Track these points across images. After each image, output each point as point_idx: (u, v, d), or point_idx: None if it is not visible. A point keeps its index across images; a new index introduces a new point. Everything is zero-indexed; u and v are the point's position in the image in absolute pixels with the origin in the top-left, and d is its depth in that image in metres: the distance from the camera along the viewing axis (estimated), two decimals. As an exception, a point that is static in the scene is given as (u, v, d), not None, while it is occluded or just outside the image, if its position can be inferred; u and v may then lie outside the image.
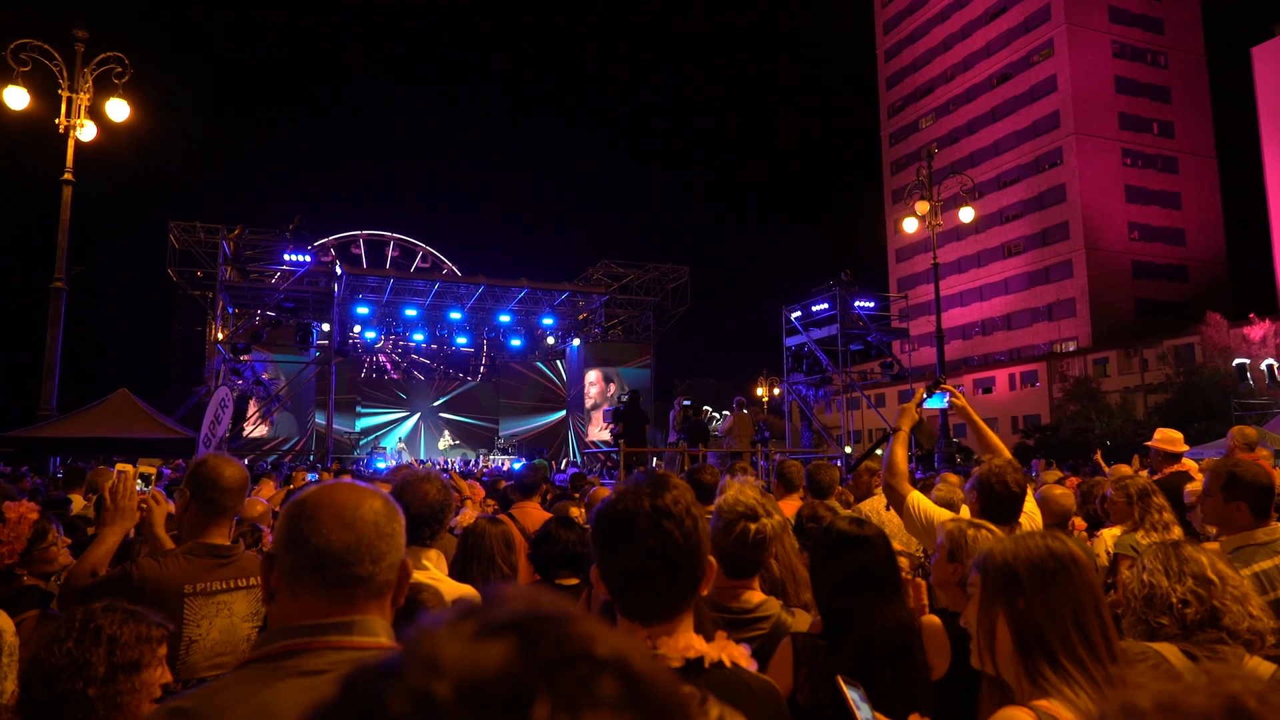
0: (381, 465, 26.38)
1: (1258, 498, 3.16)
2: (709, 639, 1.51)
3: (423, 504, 2.78)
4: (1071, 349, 57.19)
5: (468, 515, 3.36)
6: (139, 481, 2.86)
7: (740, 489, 2.53)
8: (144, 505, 2.83)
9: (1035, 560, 1.68)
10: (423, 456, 33.48)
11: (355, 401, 35.54)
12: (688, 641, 1.47)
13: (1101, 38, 61.42)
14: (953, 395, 4.26)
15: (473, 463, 30.39)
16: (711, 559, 1.54)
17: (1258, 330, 41.25)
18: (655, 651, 1.43)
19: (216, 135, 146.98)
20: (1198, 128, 64.53)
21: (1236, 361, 34.15)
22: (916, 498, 3.49)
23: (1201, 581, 2.08)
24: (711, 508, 2.59)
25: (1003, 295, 63.96)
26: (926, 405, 4.17)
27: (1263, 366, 31.50)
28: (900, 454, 3.65)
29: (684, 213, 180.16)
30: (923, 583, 3.10)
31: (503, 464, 28.55)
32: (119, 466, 2.85)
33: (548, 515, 4.73)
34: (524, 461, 26.60)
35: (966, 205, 22.07)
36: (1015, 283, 63.16)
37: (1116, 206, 59.87)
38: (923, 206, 21.95)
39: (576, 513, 5.10)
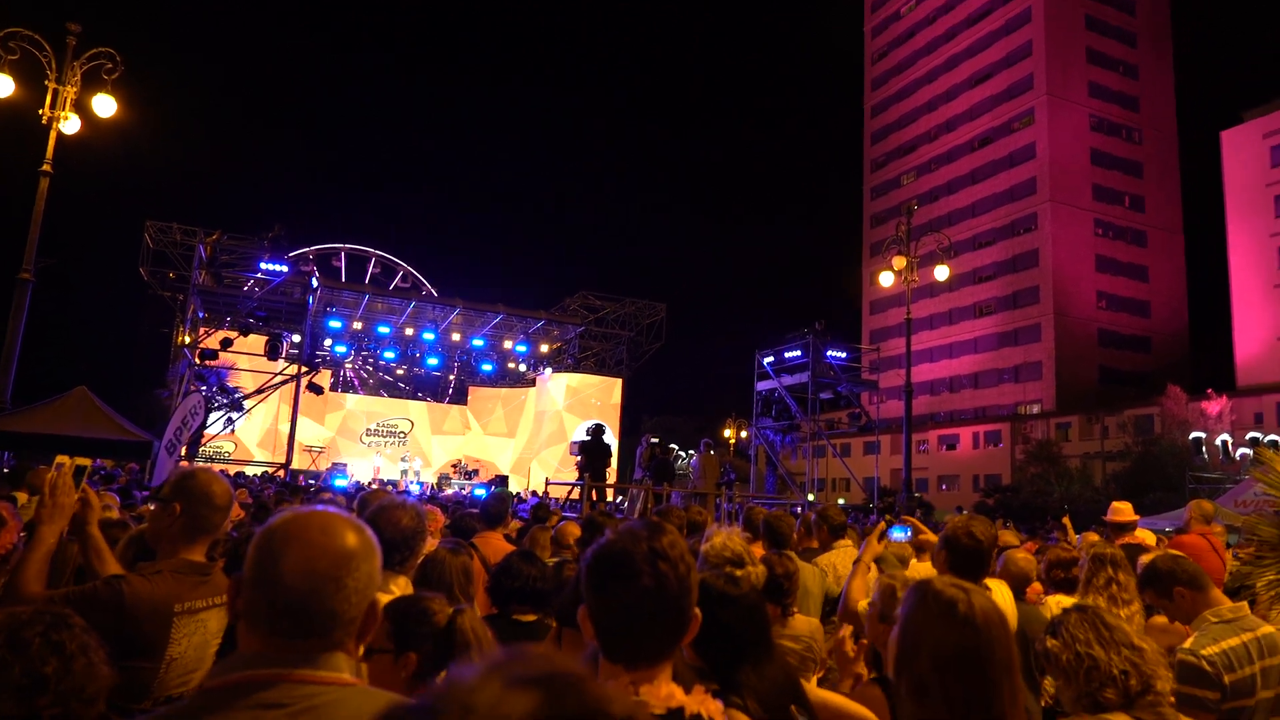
0: (341, 482, 26.03)
1: (1195, 579, 3.25)
2: (687, 690, 1.51)
3: (396, 530, 2.83)
4: (1035, 412, 58.01)
5: (429, 544, 3.32)
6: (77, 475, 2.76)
7: (728, 535, 2.53)
8: (79, 500, 2.72)
9: (937, 626, 1.66)
10: (384, 476, 33.05)
11: (322, 414, 35.11)
12: (669, 690, 1.47)
13: (1080, 111, 63.19)
14: (916, 528, 4.34)
15: (436, 487, 30.04)
16: (697, 610, 1.55)
17: (1214, 406, 42.17)
18: (638, 697, 1.43)
19: (205, 139, 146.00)
20: (1167, 204, 66.39)
21: (1193, 435, 34.83)
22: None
23: (1133, 649, 2.12)
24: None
25: (972, 354, 64.88)
26: (890, 537, 4.26)
27: (1217, 442, 32.13)
28: (858, 586, 3.58)
29: (664, 250, 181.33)
30: (857, 649, 3.02)
31: (464, 489, 28.28)
32: (57, 459, 2.76)
33: (510, 547, 4.69)
34: (487, 488, 26.38)
35: (942, 263, 22.43)
36: (985, 342, 64.12)
37: (1086, 275, 61.20)
38: (899, 261, 22.27)
39: (546, 539, 5.05)
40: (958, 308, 66.17)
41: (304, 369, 25.68)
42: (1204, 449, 32.87)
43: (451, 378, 40.85)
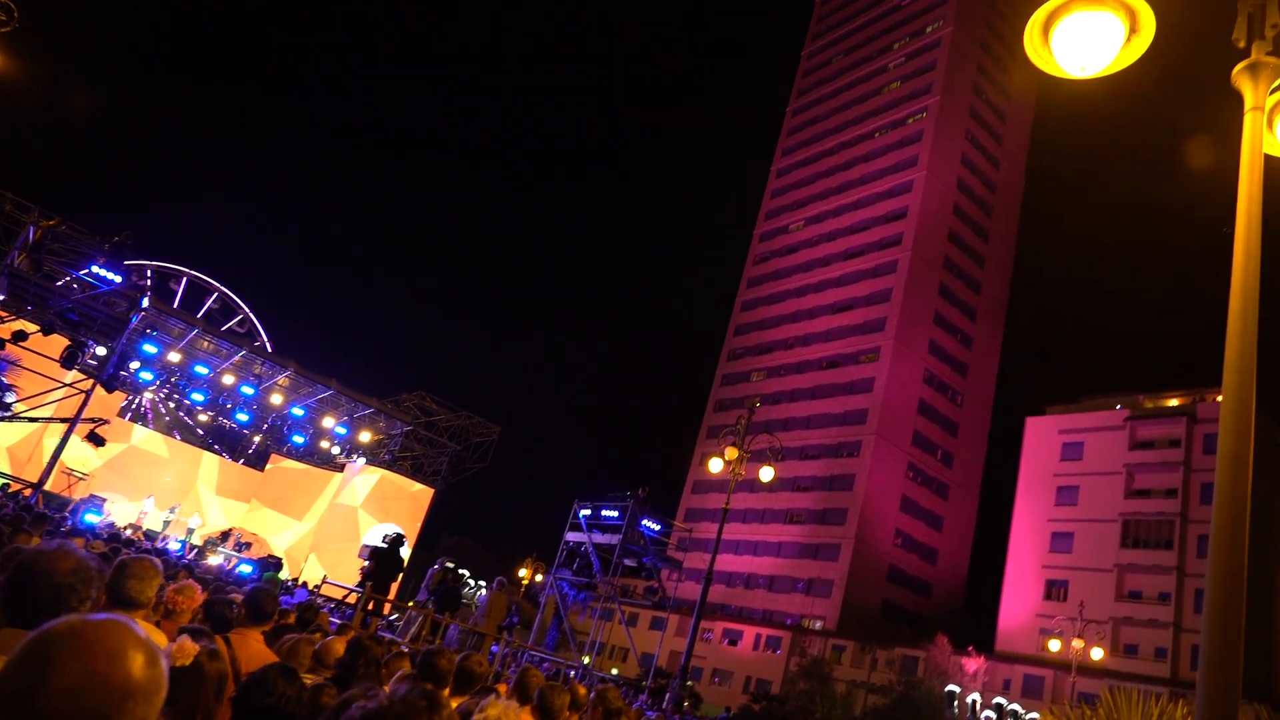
0: (93, 518, 23.39)
1: None
2: None
3: (47, 584, 2.14)
4: (818, 628, 59.80)
5: (184, 646, 2.90)
6: None
7: (504, 711, 2.42)
8: None
9: None
10: (148, 525, 29.87)
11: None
12: None
13: (919, 363, 69.40)
14: None
15: (198, 552, 27.36)
16: None
17: (973, 664, 44.92)
18: None
19: (87, 124, 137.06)
20: (972, 466, 72.76)
21: (949, 688, 36.77)
22: None
23: None
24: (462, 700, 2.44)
25: (774, 557, 66.91)
26: None
27: (969, 699, 34.04)
28: None
29: (509, 376, 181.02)
30: None
31: (230, 562, 25.93)
32: None
33: (269, 653, 4.28)
34: (255, 568, 24.28)
35: (769, 465, 23.37)
36: (788, 549, 66.41)
37: (891, 511, 65.29)
38: (732, 452, 23.04)
39: (308, 654, 4.63)
40: (772, 509, 68.65)
41: (100, 386, 23.42)
42: (955, 703, 34.69)
43: (257, 439, 38.25)
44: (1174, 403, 55.11)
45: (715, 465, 23.39)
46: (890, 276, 71.04)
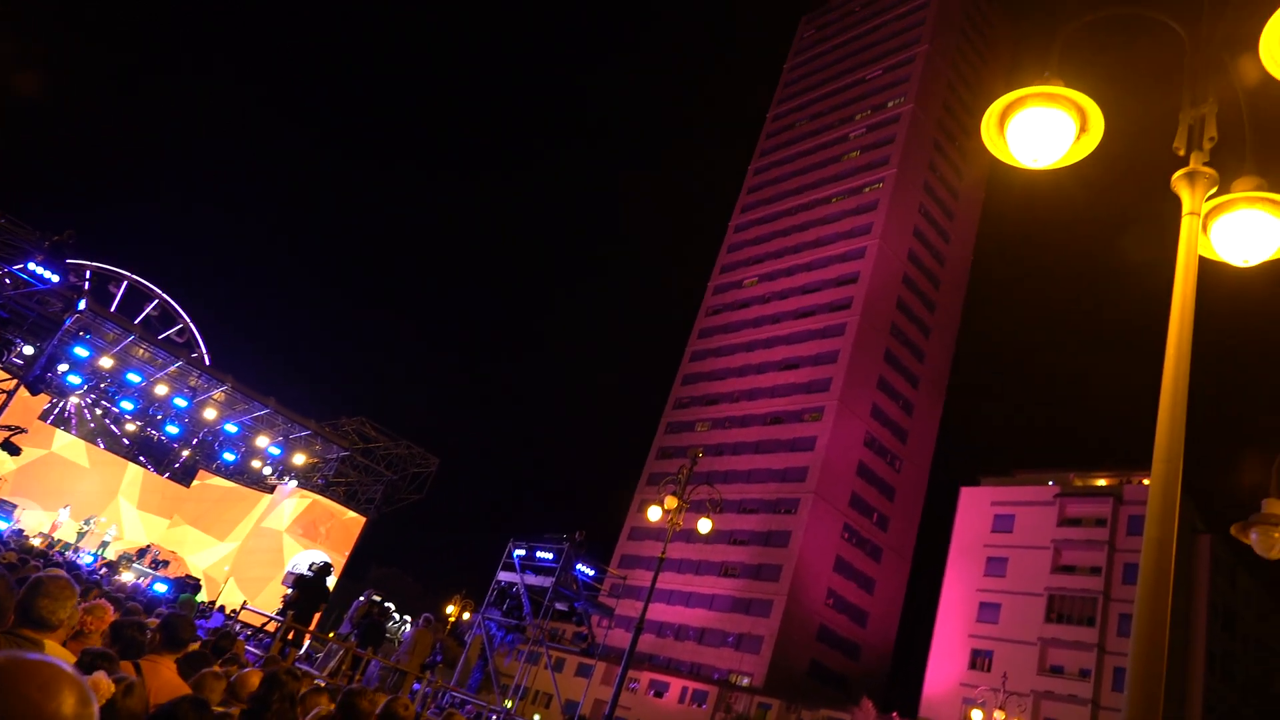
0: (1, 525, 22.37)
1: None
2: None
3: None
4: (745, 684, 59.37)
5: (99, 685, 2.77)
6: None
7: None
8: None
9: None
10: (60, 535, 28.60)
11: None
12: None
13: (861, 425, 70.38)
14: None
15: (111, 567, 26.25)
16: None
17: (896, 730, 44.97)
18: None
19: (38, 117, 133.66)
20: (906, 531, 73.63)
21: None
22: None
23: None
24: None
25: (706, 609, 66.51)
26: None
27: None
28: None
29: (455, 405, 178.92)
30: None
31: (144, 580, 24.92)
32: None
33: (182, 684, 4.11)
34: (171, 587, 23.37)
35: (708, 517, 23.36)
36: (720, 602, 66.10)
37: (824, 571, 65.54)
38: (671, 501, 23.00)
39: (219, 689, 4.44)
40: (708, 561, 68.41)
41: (24, 387, 22.54)
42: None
43: (185, 453, 37.03)
44: (1102, 483, 56.69)
45: (654, 513, 23.30)
46: (838, 338, 72.27)
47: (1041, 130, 3.72)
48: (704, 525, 23.41)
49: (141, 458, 36.15)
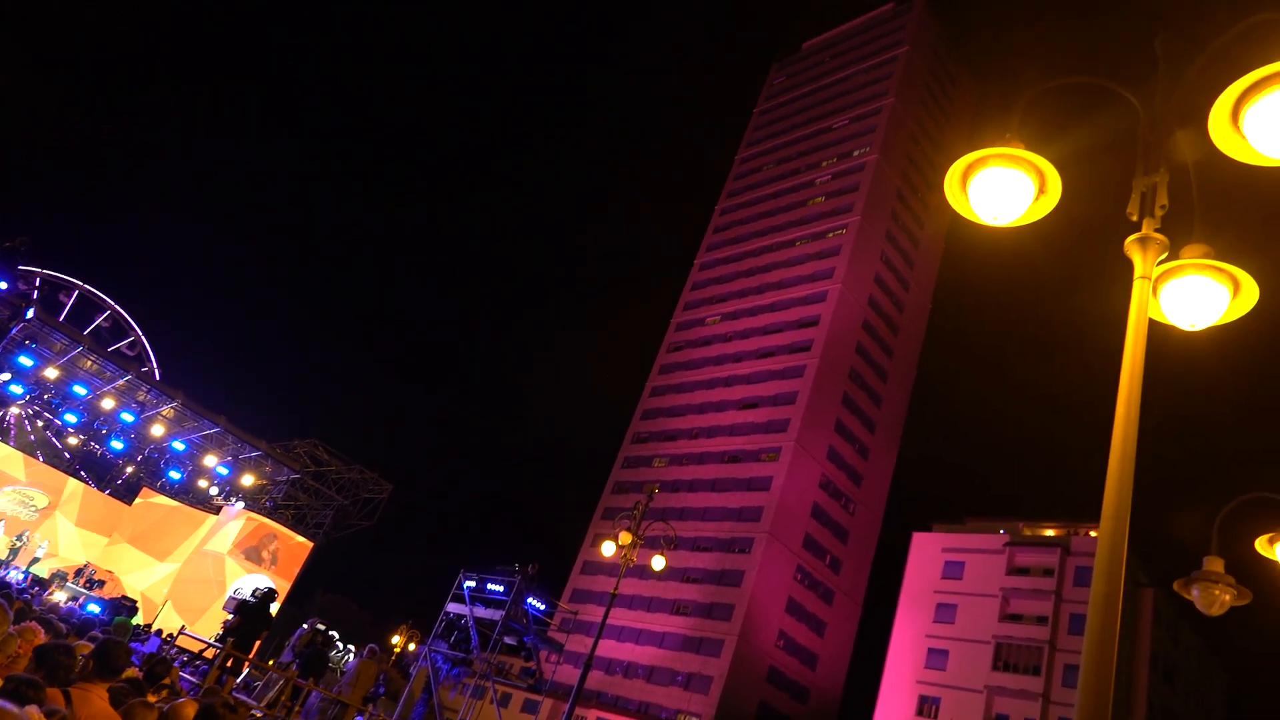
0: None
1: None
2: None
3: None
4: (692, 725, 58.73)
5: (30, 718, 2.65)
6: None
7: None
8: None
9: None
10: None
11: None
12: None
13: (817, 467, 70.81)
14: None
15: (41, 585, 25.31)
16: None
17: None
18: None
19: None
20: (858, 574, 73.88)
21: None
22: None
23: None
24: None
25: (656, 647, 65.88)
26: None
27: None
28: None
29: (410, 432, 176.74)
30: None
31: (78, 600, 24.06)
32: None
33: (112, 713, 3.96)
34: (104, 608, 22.58)
35: (662, 554, 23.24)
36: (671, 640, 65.55)
37: (776, 612, 65.40)
38: (626, 537, 22.86)
39: (151, 717, 4.28)
40: (660, 598, 67.92)
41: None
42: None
43: (129, 470, 36.03)
44: (1050, 533, 57.54)
45: (608, 549, 23.12)
46: (798, 380, 72.88)
47: (1002, 189, 3.84)
48: (658, 562, 23.28)
49: (83, 473, 35.09)
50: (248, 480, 32.82)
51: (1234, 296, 3.72)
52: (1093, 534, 54.47)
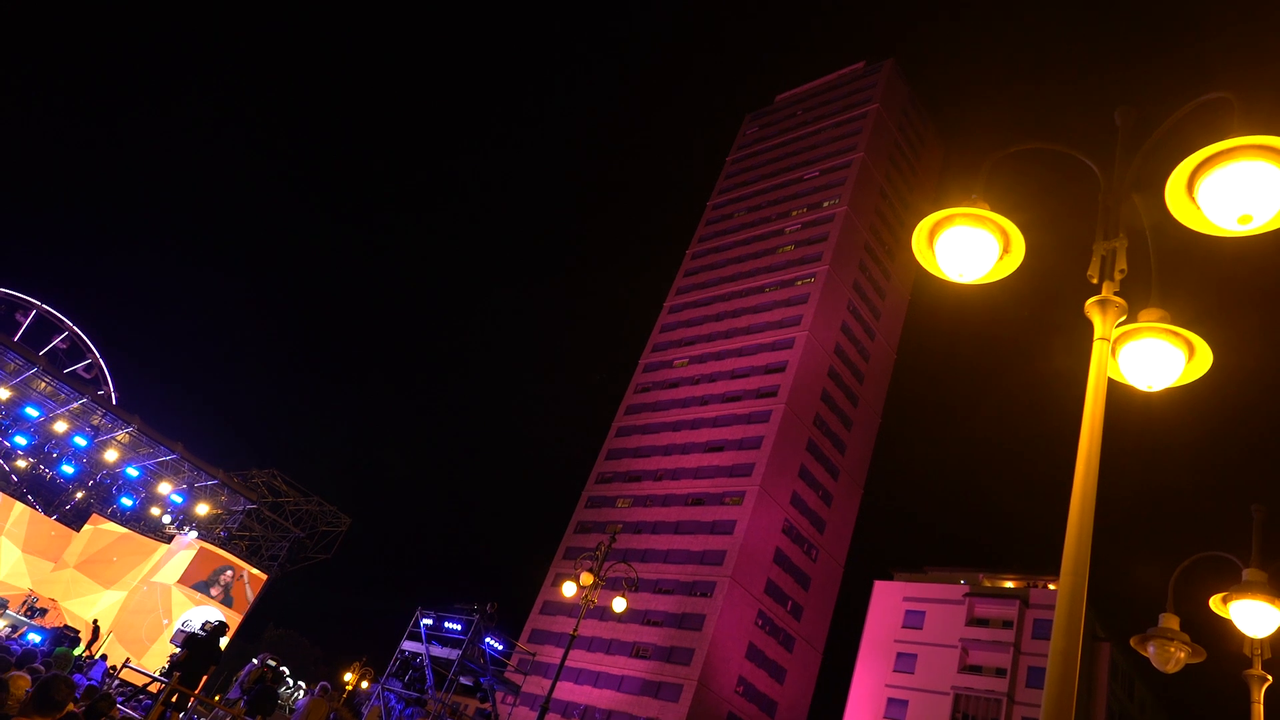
0: None
1: None
2: None
3: None
4: (648, 772, 57.71)
5: None
6: None
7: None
8: None
9: None
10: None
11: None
12: None
13: (780, 512, 70.83)
14: None
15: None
16: None
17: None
18: None
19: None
20: (819, 621, 73.61)
21: None
22: None
23: None
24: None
25: (615, 690, 64.91)
26: None
27: None
28: None
29: (371, 466, 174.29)
30: None
31: (16, 630, 23.22)
32: None
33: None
34: (45, 638, 21.79)
35: (623, 595, 23.04)
36: (630, 684, 64.63)
37: (736, 657, 64.84)
38: (587, 578, 22.64)
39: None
40: (619, 641, 67.09)
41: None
42: None
43: (79, 495, 35.07)
44: (1010, 584, 57.93)
45: (569, 589, 22.87)
46: (763, 425, 73.15)
47: (968, 248, 3.96)
48: (619, 604, 23.06)
49: (30, 496, 34.08)
50: (202, 509, 32.09)
51: (1189, 360, 3.86)
52: (1051, 586, 54.91)
